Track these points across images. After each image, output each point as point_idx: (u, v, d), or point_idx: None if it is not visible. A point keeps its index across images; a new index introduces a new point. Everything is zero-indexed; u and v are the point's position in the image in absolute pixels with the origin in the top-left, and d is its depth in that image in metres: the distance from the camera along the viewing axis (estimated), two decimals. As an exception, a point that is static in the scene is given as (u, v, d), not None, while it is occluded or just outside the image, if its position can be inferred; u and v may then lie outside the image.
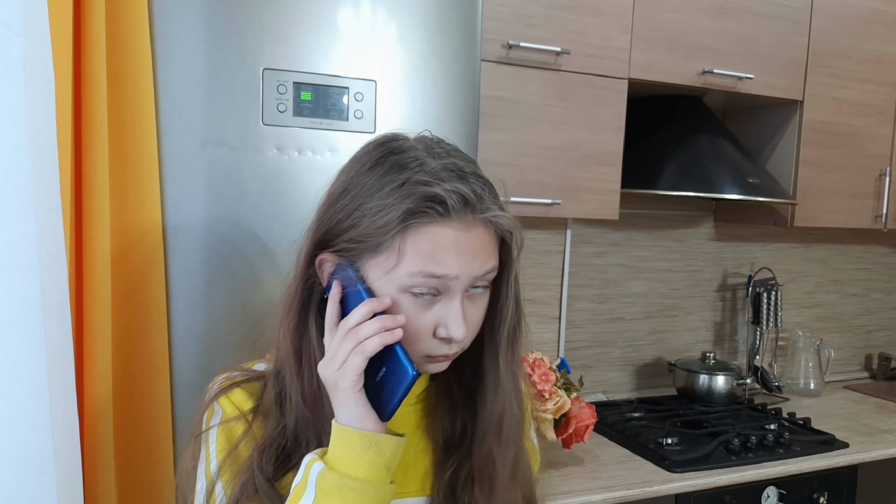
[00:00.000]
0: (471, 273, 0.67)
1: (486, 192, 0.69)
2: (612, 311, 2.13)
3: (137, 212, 1.02)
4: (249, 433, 0.73)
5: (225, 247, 1.08)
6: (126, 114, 1.01)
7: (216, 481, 0.71)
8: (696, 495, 1.51)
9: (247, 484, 0.69)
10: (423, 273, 0.66)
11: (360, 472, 0.65)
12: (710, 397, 1.99)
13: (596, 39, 1.62)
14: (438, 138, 0.73)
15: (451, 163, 0.68)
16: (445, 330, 0.68)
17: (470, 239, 0.67)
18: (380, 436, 0.66)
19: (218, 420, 0.74)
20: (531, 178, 1.59)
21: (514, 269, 0.73)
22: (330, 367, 0.67)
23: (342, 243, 0.68)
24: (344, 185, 0.70)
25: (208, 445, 0.74)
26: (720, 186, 1.78)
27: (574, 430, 1.50)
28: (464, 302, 0.69)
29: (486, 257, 0.69)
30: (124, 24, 1.00)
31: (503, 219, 0.69)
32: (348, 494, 0.64)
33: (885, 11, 2.01)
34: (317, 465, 0.65)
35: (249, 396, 0.75)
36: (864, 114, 2.02)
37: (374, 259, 0.67)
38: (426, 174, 0.66)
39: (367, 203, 0.67)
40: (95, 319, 0.99)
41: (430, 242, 0.65)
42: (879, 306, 2.61)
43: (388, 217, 0.65)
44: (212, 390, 0.77)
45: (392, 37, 1.16)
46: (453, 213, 0.65)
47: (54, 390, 0.83)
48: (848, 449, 1.73)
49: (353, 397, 0.66)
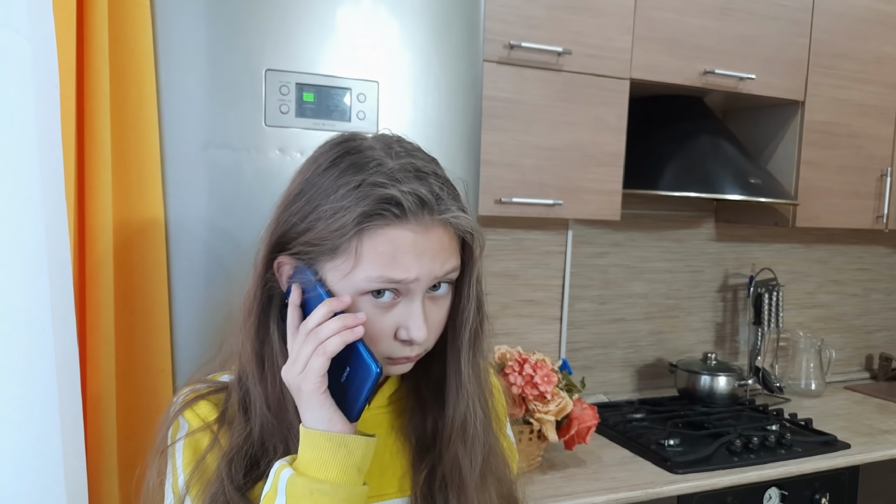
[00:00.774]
0: (431, 273, 0.67)
1: (445, 192, 0.67)
2: (614, 312, 2.13)
3: (140, 213, 1.02)
4: (216, 444, 0.71)
5: (227, 248, 1.08)
6: (129, 115, 1.01)
7: (185, 497, 0.69)
8: (698, 496, 1.51)
9: (216, 495, 0.68)
10: (381, 278, 0.65)
11: (331, 475, 0.64)
12: (711, 398, 1.99)
13: (597, 40, 1.62)
14: (398, 136, 0.71)
15: (408, 163, 0.67)
16: (406, 332, 0.68)
17: (429, 240, 0.66)
18: (348, 437, 0.65)
19: (184, 433, 0.72)
20: (532, 178, 1.59)
21: (475, 270, 0.72)
22: (292, 370, 0.66)
23: (298, 246, 0.67)
24: (300, 187, 0.68)
25: (174, 460, 0.72)
26: (721, 187, 1.78)
27: (576, 431, 1.49)
28: (425, 303, 0.68)
29: (447, 258, 0.68)
30: (127, 25, 0.99)
31: (463, 220, 0.67)
32: (319, 498, 0.63)
33: (885, 12, 2.02)
34: (286, 471, 0.64)
35: (214, 408, 0.74)
36: (865, 114, 2.02)
37: (331, 262, 0.66)
38: (382, 175, 0.64)
39: (322, 205, 0.65)
40: (98, 321, 0.99)
41: (388, 245, 0.64)
42: (880, 307, 2.61)
43: (343, 220, 0.64)
44: (176, 404, 0.75)
45: (394, 37, 1.16)
46: (410, 214, 0.64)
47: (62, 395, 0.82)
48: (849, 450, 1.73)
49: (317, 399, 0.65)
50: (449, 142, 1.21)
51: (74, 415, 0.88)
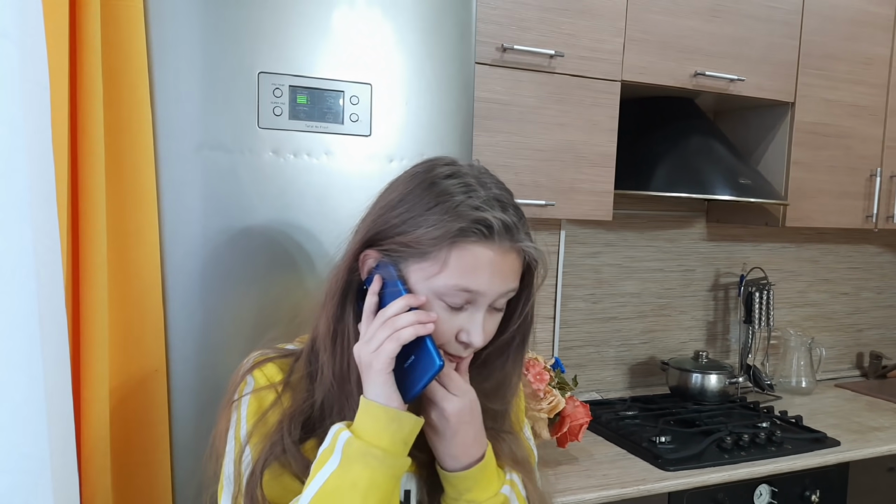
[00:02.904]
0: (498, 290, 0.77)
1: (521, 223, 0.79)
2: (606, 311, 2.15)
3: (134, 215, 1.03)
4: (278, 402, 0.81)
5: (221, 249, 1.09)
6: (122, 117, 1.01)
7: (245, 444, 0.80)
8: (689, 493, 1.53)
9: (275, 444, 0.78)
10: (459, 287, 0.75)
11: (383, 443, 0.72)
12: (702, 396, 2.00)
13: (589, 42, 1.63)
14: (484, 168, 0.82)
15: (496, 193, 0.78)
16: (467, 336, 0.78)
17: (504, 262, 0.77)
18: (402, 413, 0.74)
19: (250, 389, 0.83)
20: (525, 179, 1.60)
21: (532, 294, 0.84)
22: (366, 348, 0.75)
23: (391, 245, 0.77)
24: (402, 196, 0.78)
25: (240, 412, 0.82)
26: (712, 187, 1.80)
27: (568, 428, 1.51)
28: (485, 315, 0.78)
29: (513, 279, 0.79)
30: (120, 28, 1.00)
31: (533, 250, 0.79)
32: (370, 461, 0.72)
33: (875, 13, 2.03)
34: (344, 433, 0.73)
35: (280, 371, 0.84)
36: (854, 115, 2.04)
37: (418, 264, 0.76)
38: (478, 200, 0.75)
39: (422, 215, 0.75)
40: (92, 322, 0.99)
41: (472, 259, 0.75)
42: (870, 305, 2.63)
43: (441, 231, 0.74)
44: (246, 364, 0.85)
45: (387, 40, 1.17)
46: (496, 236, 0.75)
47: (51, 396, 0.83)
48: (839, 447, 1.74)
49: (382, 377, 0.74)
50: (442, 143, 1.22)
51: (64, 415, 0.89)
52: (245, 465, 0.79)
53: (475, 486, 0.79)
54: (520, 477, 0.85)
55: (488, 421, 0.83)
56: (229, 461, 0.81)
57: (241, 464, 0.80)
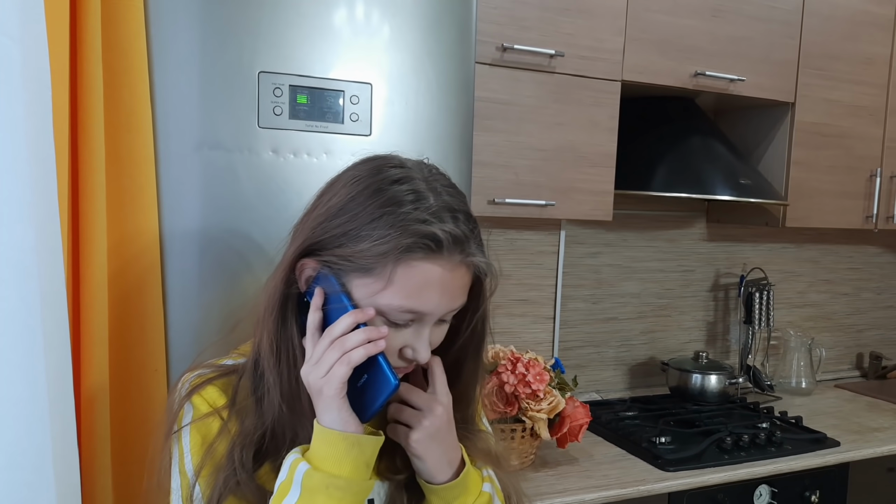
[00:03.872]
0: (445, 308, 0.73)
1: (473, 233, 0.73)
2: (606, 311, 2.15)
3: (134, 214, 1.03)
4: (225, 430, 0.75)
5: (221, 248, 1.09)
6: (122, 117, 1.01)
7: (194, 480, 0.73)
8: (688, 494, 1.53)
9: (229, 478, 0.72)
10: (404, 307, 0.71)
11: (345, 471, 0.69)
12: (702, 396, 2.00)
13: (589, 42, 1.63)
14: (434, 168, 0.77)
15: (447, 201, 0.72)
16: (413, 352, 0.74)
17: (453, 279, 0.72)
18: (362, 437, 0.70)
19: (190, 418, 0.76)
20: (525, 179, 1.60)
21: (481, 307, 0.79)
22: (315, 373, 0.70)
23: (331, 256, 0.71)
24: (342, 203, 0.72)
25: (181, 444, 0.76)
26: (712, 187, 1.80)
27: (568, 429, 1.51)
28: (431, 328, 0.75)
29: (461, 295, 0.74)
30: (121, 27, 1.00)
31: (483, 264, 0.74)
32: (334, 492, 0.68)
33: (875, 13, 2.03)
34: (302, 464, 0.69)
35: (222, 393, 0.78)
36: (854, 115, 2.04)
37: (361, 279, 0.71)
38: (425, 211, 0.70)
39: (366, 228, 0.70)
40: (92, 321, 0.99)
41: (419, 277, 0.70)
42: (870, 306, 2.63)
43: (386, 246, 0.68)
44: (183, 388, 0.79)
45: (387, 40, 1.17)
46: (445, 251, 0.70)
47: (52, 393, 0.83)
48: (839, 447, 1.74)
49: (336, 403, 0.70)
50: (441, 143, 1.22)
51: (65, 413, 0.89)
52: (197, 500, 0.73)
53: (463, 493, 0.78)
54: (492, 470, 0.84)
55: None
56: (176, 498, 0.75)
57: (190, 501, 0.74)
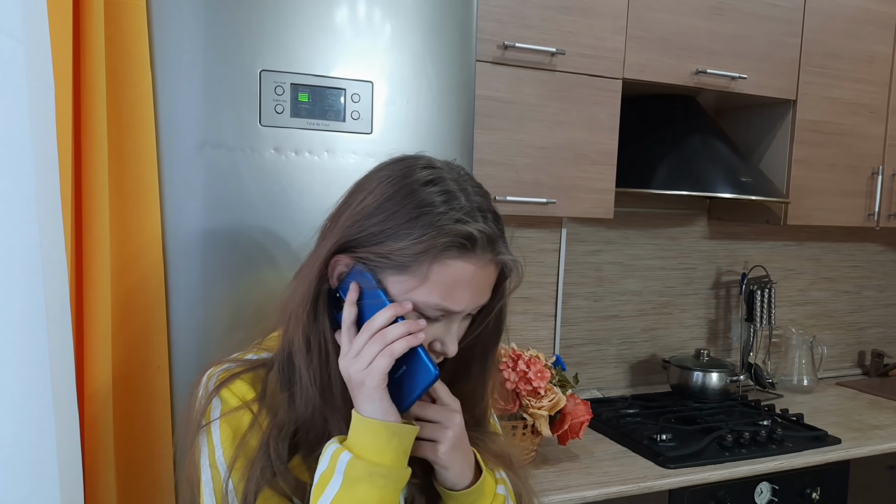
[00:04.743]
0: (474, 305, 0.76)
1: (501, 232, 0.76)
2: (607, 309, 2.15)
3: (137, 212, 1.03)
4: (256, 423, 0.76)
5: (223, 246, 1.09)
6: (125, 116, 1.02)
7: (227, 472, 0.75)
8: (689, 491, 1.53)
9: (265, 469, 0.74)
10: (438, 306, 0.73)
11: (387, 459, 0.71)
12: (703, 394, 2.01)
13: (590, 40, 1.64)
14: (463, 169, 0.79)
15: (478, 202, 0.75)
16: (442, 346, 0.77)
17: (483, 276, 0.75)
18: (402, 426, 0.73)
19: (220, 412, 0.77)
20: (526, 177, 1.60)
21: (499, 302, 0.80)
22: (356, 365, 0.72)
23: (367, 253, 0.73)
24: (378, 202, 0.74)
25: (211, 437, 0.76)
26: (713, 185, 1.80)
27: (569, 426, 1.51)
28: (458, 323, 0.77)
29: (487, 292, 0.77)
30: (123, 27, 1.00)
31: (510, 261, 0.77)
32: (377, 480, 0.70)
33: (876, 11, 2.03)
34: (344, 454, 0.71)
35: (251, 387, 0.79)
36: (856, 113, 2.04)
37: (396, 276, 0.73)
38: (459, 212, 0.72)
39: (404, 227, 0.72)
40: (96, 318, 1.00)
41: (453, 275, 0.72)
42: (872, 303, 2.63)
43: (422, 245, 0.71)
44: (210, 383, 0.79)
45: (388, 38, 1.17)
46: (478, 250, 0.72)
47: (55, 389, 0.84)
48: (840, 445, 1.74)
49: (378, 394, 0.72)
50: (442, 141, 1.23)
51: (69, 410, 0.90)
52: (230, 494, 0.74)
53: (480, 497, 0.79)
54: (504, 471, 0.86)
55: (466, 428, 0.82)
56: (208, 492, 0.76)
57: (224, 494, 0.75)
